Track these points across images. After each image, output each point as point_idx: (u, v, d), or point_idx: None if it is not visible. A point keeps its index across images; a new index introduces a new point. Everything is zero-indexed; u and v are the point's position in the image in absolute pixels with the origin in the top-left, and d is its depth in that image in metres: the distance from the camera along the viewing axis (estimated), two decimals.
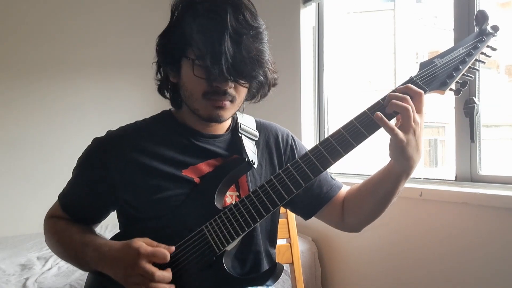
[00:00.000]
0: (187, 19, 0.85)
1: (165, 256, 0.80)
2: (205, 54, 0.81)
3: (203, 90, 0.86)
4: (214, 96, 0.86)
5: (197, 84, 0.86)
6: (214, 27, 0.80)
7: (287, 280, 1.84)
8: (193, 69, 0.84)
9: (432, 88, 0.85)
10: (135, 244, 0.80)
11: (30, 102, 2.68)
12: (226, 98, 0.87)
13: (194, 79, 0.85)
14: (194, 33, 0.83)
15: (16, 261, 1.95)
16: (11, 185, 2.59)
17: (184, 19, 0.86)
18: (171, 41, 0.89)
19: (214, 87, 0.85)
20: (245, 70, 0.82)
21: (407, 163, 0.83)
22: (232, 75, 0.82)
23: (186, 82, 0.89)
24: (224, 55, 0.79)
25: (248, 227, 0.84)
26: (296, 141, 1.09)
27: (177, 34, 0.87)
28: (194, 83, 0.86)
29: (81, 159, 0.97)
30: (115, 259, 0.82)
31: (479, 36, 0.87)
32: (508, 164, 1.69)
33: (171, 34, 0.89)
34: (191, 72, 0.85)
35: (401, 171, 0.85)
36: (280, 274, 0.87)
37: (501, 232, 1.36)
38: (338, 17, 2.60)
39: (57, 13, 2.75)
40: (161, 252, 0.80)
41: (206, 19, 0.82)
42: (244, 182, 0.97)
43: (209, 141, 0.97)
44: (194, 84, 0.87)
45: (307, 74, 2.38)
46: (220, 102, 0.87)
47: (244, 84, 0.88)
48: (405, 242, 1.68)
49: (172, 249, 0.83)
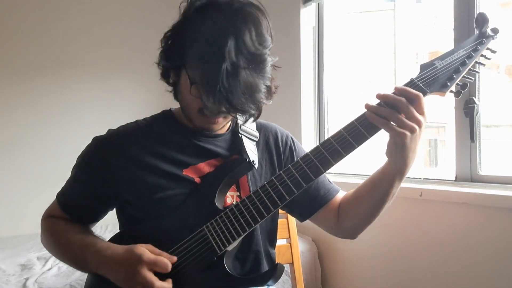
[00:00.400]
0: (191, 33, 0.82)
1: (166, 266, 0.80)
2: (201, 79, 0.80)
3: (199, 107, 0.87)
4: (210, 115, 0.87)
5: (193, 100, 0.86)
6: (213, 56, 0.77)
7: (287, 280, 1.83)
8: (190, 88, 0.83)
9: (433, 90, 0.85)
10: (137, 250, 0.80)
11: (30, 102, 2.68)
12: (220, 117, 0.89)
13: (190, 96, 0.85)
14: (193, 54, 0.81)
15: (16, 261, 1.95)
16: (11, 185, 2.59)
17: (188, 32, 0.83)
18: (173, 47, 0.87)
19: (209, 109, 0.83)
20: (238, 104, 0.80)
21: (402, 162, 0.83)
22: (224, 107, 0.80)
23: (183, 93, 0.89)
24: (218, 88, 0.77)
25: (249, 227, 0.84)
26: (296, 143, 1.09)
27: (179, 44, 0.85)
28: (191, 99, 0.86)
29: (80, 157, 0.97)
30: (116, 264, 0.82)
31: (479, 39, 0.87)
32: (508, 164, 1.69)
33: (175, 39, 0.87)
34: (188, 88, 0.84)
35: (396, 171, 0.85)
36: (280, 274, 0.87)
37: (501, 232, 1.36)
38: (338, 17, 2.60)
39: (56, 12, 2.75)
40: (163, 262, 0.80)
41: (206, 44, 0.79)
42: (245, 182, 0.97)
43: (209, 140, 0.97)
44: (190, 99, 0.87)
45: (307, 74, 2.38)
46: (214, 120, 0.90)
47: (234, 115, 0.89)
48: (405, 242, 1.68)
49: (174, 259, 0.83)
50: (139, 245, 0.82)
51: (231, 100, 0.78)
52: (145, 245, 0.82)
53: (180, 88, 0.91)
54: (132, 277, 0.79)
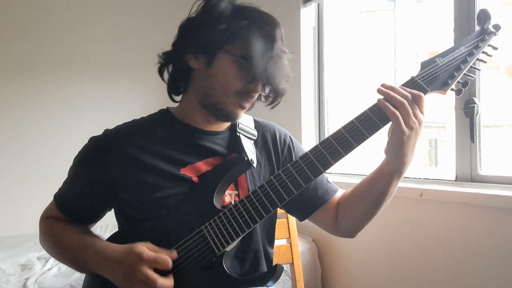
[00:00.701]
0: (237, 17, 0.88)
1: (167, 263, 0.80)
2: (252, 57, 0.85)
3: (237, 88, 0.88)
4: (245, 96, 0.90)
5: (234, 80, 0.88)
6: (267, 36, 0.87)
7: (287, 280, 1.83)
8: (236, 65, 0.87)
9: (434, 88, 0.84)
10: (137, 248, 0.80)
11: (29, 102, 2.68)
12: (251, 101, 0.92)
13: (232, 75, 0.87)
14: (244, 33, 0.86)
15: (16, 261, 1.95)
16: (11, 185, 2.59)
17: (233, 17, 0.88)
18: (210, 31, 0.88)
19: (248, 88, 0.88)
20: (277, 85, 0.90)
21: (401, 160, 0.83)
22: (268, 84, 0.89)
23: (220, 74, 0.89)
24: (269, 65, 0.86)
25: (248, 227, 0.84)
26: (294, 142, 1.09)
27: (220, 27, 0.87)
28: (231, 78, 0.88)
29: (78, 158, 0.96)
30: (116, 263, 0.82)
31: (480, 35, 0.86)
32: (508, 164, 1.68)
33: (212, 25, 0.88)
34: (231, 67, 0.87)
35: (394, 169, 0.85)
36: (280, 274, 0.87)
37: (501, 232, 1.36)
38: (338, 17, 2.60)
39: (55, 12, 2.75)
40: (163, 259, 0.80)
41: (259, 25, 0.87)
42: (243, 181, 0.96)
43: (208, 138, 0.96)
44: (230, 79, 0.88)
45: (307, 74, 2.38)
46: (247, 103, 0.91)
47: (270, 95, 0.94)
48: (405, 242, 1.68)
49: (174, 256, 0.83)
50: (138, 243, 0.81)
51: (274, 79, 0.88)
52: (144, 243, 0.82)
53: (210, 72, 0.90)
54: (132, 275, 0.78)
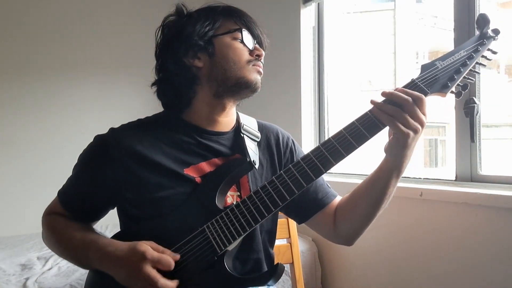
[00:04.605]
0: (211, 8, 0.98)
1: (170, 264, 0.80)
2: (248, 28, 0.97)
3: (246, 58, 0.95)
4: (256, 62, 0.96)
5: (241, 53, 0.94)
6: (234, 8, 0.99)
7: (287, 280, 1.84)
8: (242, 38, 0.95)
9: (434, 90, 0.85)
10: (141, 247, 0.80)
11: (29, 101, 2.68)
12: (261, 64, 0.99)
13: (236, 49, 0.94)
14: (221, 14, 0.97)
15: (16, 261, 1.95)
16: (11, 185, 2.59)
17: (208, 9, 0.98)
18: (197, 27, 0.94)
19: (253, 55, 0.96)
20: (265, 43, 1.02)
21: (401, 160, 0.85)
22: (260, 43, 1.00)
23: (228, 54, 0.94)
24: (259, 32, 1.00)
25: (249, 227, 0.84)
26: (296, 145, 1.10)
27: (204, 19, 0.95)
28: (238, 51, 0.94)
29: (83, 155, 0.97)
30: (119, 260, 0.82)
31: (480, 39, 0.87)
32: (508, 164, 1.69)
33: (191, 23, 0.95)
34: (231, 43, 0.94)
35: (394, 168, 0.86)
36: (281, 274, 0.87)
37: (501, 232, 1.36)
38: (338, 17, 2.61)
39: (55, 12, 2.75)
40: (166, 259, 0.80)
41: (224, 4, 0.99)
42: (246, 182, 0.97)
43: (212, 138, 0.97)
44: (238, 53, 0.94)
45: (307, 74, 2.38)
46: (260, 68, 0.98)
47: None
48: (405, 242, 1.68)
49: (177, 257, 0.83)
50: (142, 242, 0.82)
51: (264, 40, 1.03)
52: (148, 242, 0.82)
53: (216, 59, 0.94)
54: (135, 274, 0.79)
